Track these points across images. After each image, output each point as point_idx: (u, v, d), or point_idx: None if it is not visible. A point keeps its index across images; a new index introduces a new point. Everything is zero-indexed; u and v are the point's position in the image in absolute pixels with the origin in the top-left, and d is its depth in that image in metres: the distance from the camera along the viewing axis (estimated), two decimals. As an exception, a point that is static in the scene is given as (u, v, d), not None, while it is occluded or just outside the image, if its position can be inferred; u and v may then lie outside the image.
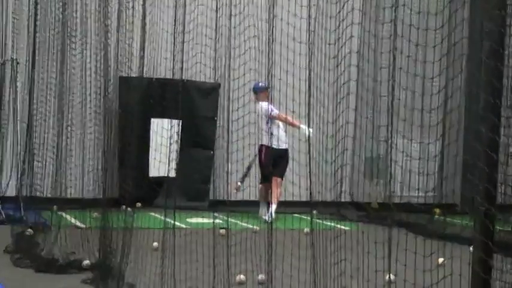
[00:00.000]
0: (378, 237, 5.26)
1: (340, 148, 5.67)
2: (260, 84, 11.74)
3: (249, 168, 12.28)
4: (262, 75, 6.03)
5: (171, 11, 7.40)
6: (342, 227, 10.53)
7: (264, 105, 11.74)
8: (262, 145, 12.03)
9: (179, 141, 10.94)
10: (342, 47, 5.63)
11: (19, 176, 11.70)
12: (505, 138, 4.56)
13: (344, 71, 5.74)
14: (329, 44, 5.77)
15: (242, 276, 7.18)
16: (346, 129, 5.86)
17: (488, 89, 3.74)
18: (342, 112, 5.78)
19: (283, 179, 12.18)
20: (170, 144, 8.66)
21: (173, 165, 7.79)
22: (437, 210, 12.93)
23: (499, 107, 3.76)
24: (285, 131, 12.36)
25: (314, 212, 9.11)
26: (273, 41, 5.76)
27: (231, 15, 6.38)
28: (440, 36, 5.37)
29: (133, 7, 8.10)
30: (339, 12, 5.57)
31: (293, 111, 6.70)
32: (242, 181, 12.25)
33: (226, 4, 6.54)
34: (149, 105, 12.23)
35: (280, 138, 11.99)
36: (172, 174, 8.61)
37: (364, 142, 13.82)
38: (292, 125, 11.94)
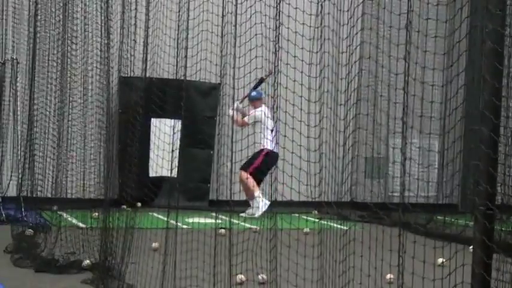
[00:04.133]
0: (379, 237, 5.26)
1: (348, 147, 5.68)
2: (253, 93, 12.45)
3: None
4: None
5: (175, 7, 7.38)
6: (343, 227, 10.51)
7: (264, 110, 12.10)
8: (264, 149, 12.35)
9: (179, 141, 10.99)
10: (352, 53, 5.64)
11: (19, 176, 11.70)
12: (505, 138, 4.57)
13: (353, 71, 5.74)
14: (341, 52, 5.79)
15: (242, 276, 7.18)
16: (350, 129, 5.86)
17: (488, 89, 3.74)
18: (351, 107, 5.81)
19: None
20: (170, 144, 8.65)
21: (173, 165, 7.79)
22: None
23: (499, 106, 3.76)
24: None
25: (314, 212, 9.16)
26: (279, 39, 5.76)
27: (236, 12, 6.36)
28: (443, 41, 5.40)
29: (136, 8, 8.11)
30: (350, 18, 5.59)
31: (301, 109, 6.69)
32: None
33: (231, 1, 6.52)
34: (149, 105, 12.21)
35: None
36: (173, 174, 8.61)
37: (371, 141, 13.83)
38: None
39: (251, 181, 12.64)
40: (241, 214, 11.92)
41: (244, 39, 6.63)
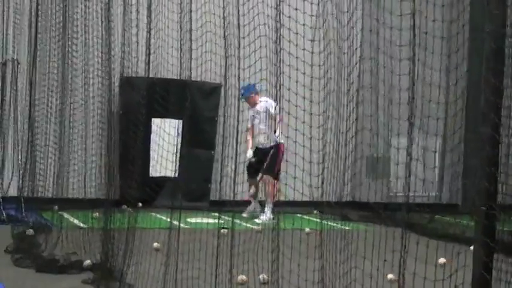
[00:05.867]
0: (381, 237, 5.26)
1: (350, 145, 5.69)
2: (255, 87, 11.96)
3: None
4: (272, 76, 5.99)
5: (176, 8, 7.38)
6: (346, 227, 10.52)
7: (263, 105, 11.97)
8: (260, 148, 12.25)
9: (180, 141, 10.98)
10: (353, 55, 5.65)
11: (20, 176, 11.70)
12: (506, 138, 4.56)
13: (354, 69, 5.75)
14: (341, 48, 5.80)
15: (243, 277, 7.18)
16: (352, 130, 5.87)
17: (489, 89, 3.74)
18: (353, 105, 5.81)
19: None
20: (173, 144, 8.66)
21: (174, 165, 7.79)
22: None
23: (500, 106, 3.77)
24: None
25: (315, 212, 9.13)
26: (281, 40, 5.76)
27: (238, 13, 6.35)
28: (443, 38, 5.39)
29: (137, 10, 8.11)
30: (350, 19, 5.60)
31: (304, 110, 6.68)
32: None
33: (232, 4, 6.52)
34: (150, 105, 12.22)
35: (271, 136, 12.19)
36: (174, 174, 8.62)
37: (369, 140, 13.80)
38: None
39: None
40: (258, 220, 11.85)
41: (247, 41, 6.62)
